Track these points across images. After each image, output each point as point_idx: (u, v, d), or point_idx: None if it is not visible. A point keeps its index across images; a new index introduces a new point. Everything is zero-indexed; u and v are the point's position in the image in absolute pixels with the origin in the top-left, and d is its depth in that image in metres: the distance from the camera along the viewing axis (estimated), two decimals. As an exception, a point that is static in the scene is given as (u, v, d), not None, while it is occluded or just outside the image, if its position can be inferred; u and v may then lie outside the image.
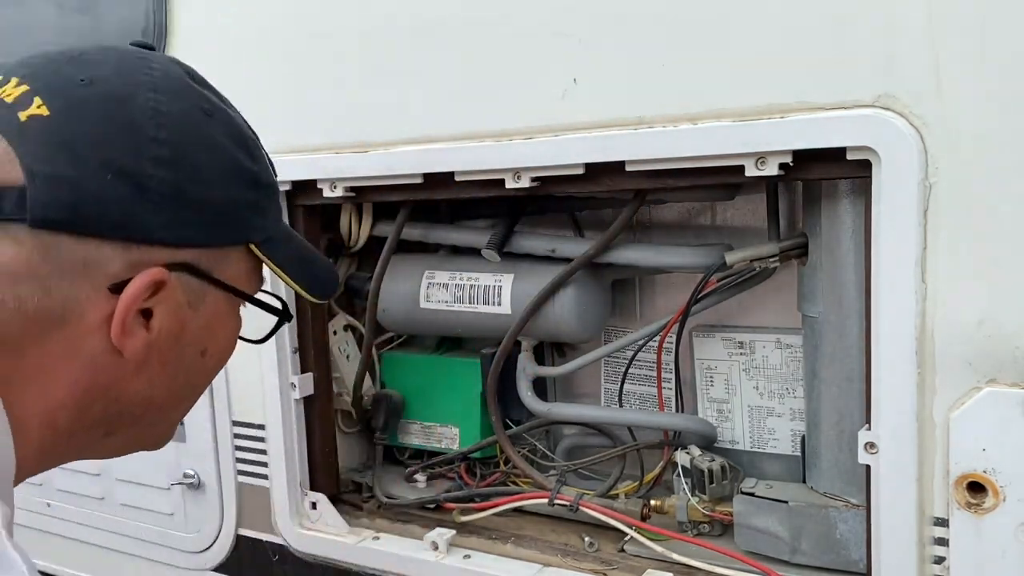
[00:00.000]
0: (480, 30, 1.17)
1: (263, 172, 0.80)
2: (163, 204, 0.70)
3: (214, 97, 0.79)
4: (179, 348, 0.76)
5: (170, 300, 0.72)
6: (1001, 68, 0.88)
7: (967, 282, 0.93)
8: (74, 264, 0.68)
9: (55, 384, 0.71)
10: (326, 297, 0.91)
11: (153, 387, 0.76)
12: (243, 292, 0.80)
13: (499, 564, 1.30)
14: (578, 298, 1.34)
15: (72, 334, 0.70)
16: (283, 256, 0.83)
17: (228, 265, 0.77)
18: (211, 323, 0.78)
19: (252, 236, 0.78)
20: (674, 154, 1.05)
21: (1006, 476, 0.92)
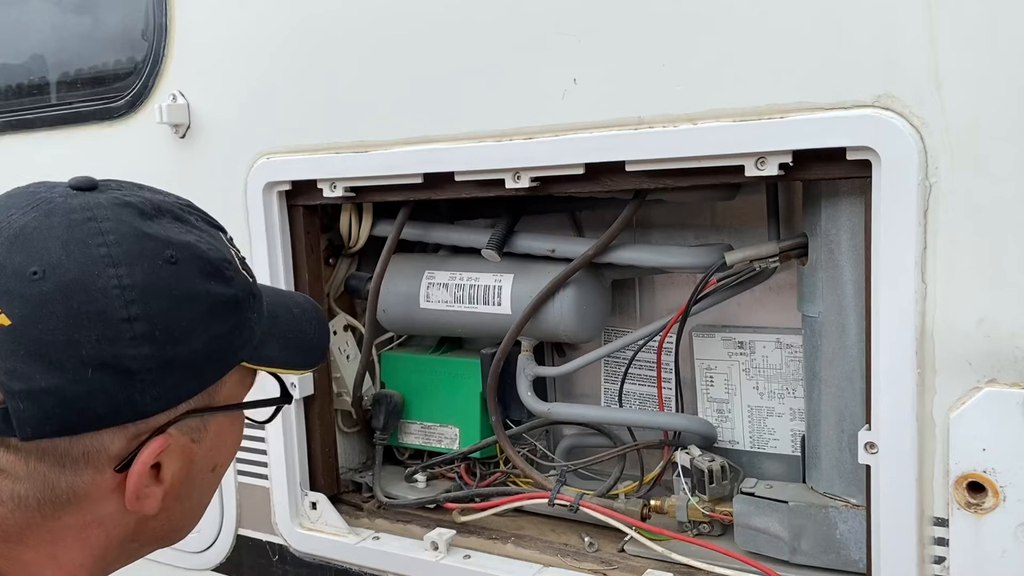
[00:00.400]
0: (480, 30, 1.17)
1: (239, 286, 0.76)
2: (152, 379, 0.69)
3: (174, 232, 0.73)
4: (192, 477, 0.76)
5: (175, 448, 0.72)
6: (1001, 68, 0.88)
7: (967, 282, 0.93)
8: (75, 458, 0.69)
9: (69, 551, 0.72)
10: (321, 362, 0.93)
11: (172, 519, 0.78)
12: (241, 404, 0.79)
13: (499, 564, 1.30)
14: (578, 298, 1.34)
15: (83, 511, 0.71)
16: (273, 353, 0.81)
17: (223, 389, 0.76)
18: (217, 443, 0.77)
19: (242, 356, 0.76)
20: (674, 154, 1.05)
21: (1006, 476, 0.92)
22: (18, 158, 1.72)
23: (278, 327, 0.82)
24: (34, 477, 0.68)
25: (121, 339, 0.67)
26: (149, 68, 1.49)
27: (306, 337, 0.87)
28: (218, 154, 1.44)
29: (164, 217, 0.73)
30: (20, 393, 0.66)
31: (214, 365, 0.74)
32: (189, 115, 1.45)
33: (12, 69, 1.74)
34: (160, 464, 0.72)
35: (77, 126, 1.61)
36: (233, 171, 1.41)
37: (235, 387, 0.78)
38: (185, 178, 1.48)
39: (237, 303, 0.75)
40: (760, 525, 1.17)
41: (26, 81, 1.72)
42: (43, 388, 0.66)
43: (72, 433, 0.68)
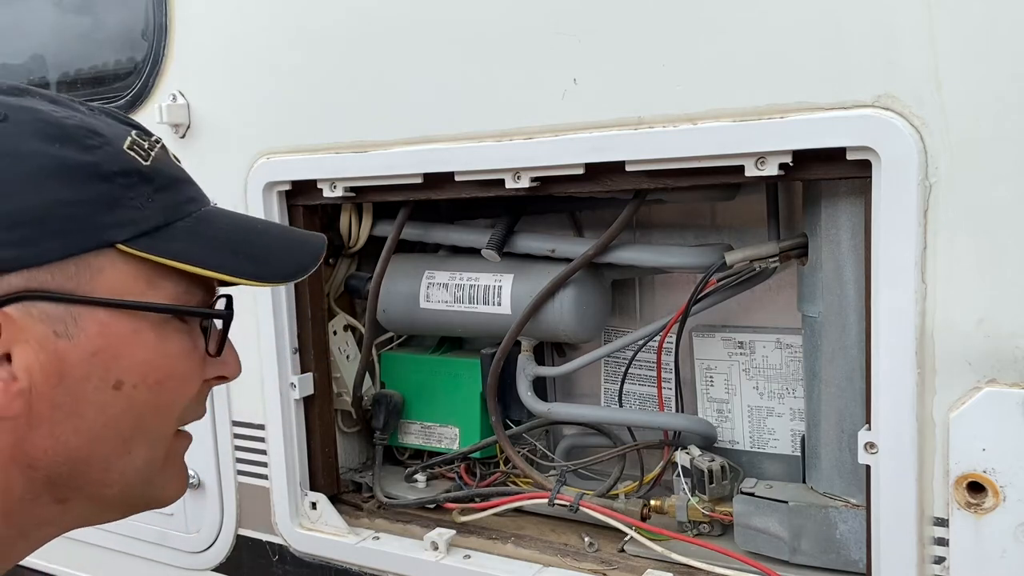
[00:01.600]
0: (480, 30, 1.17)
1: (108, 156, 0.67)
2: None
3: (27, 102, 0.67)
4: (70, 386, 0.66)
5: (24, 336, 0.63)
6: (1001, 68, 0.88)
7: (967, 282, 0.93)
8: None
9: None
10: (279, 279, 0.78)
11: (61, 439, 0.67)
12: (132, 302, 0.67)
13: (499, 564, 1.30)
14: (578, 298, 1.34)
15: None
16: (184, 245, 0.70)
17: (97, 275, 0.66)
18: (107, 348, 0.67)
19: (112, 235, 0.66)
20: (674, 154, 1.05)
21: (1006, 476, 0.92)
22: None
23: (210, 228, 0.74)
24: None
25: None
26: (149, 68, 1.49)
27: (261, 245, 0.77)
28: (218, 154, 1.44)
29: (30, 95, 0.68)
30: None
31: (57, 234, 0.64)
32: (189, 115, 1.45)
33: (12, 69, 1.74)
34: (10, 357, 0.63)
35: (77, 126, 1.61)
36: (233, 171, 1.41)
37: (127, 282, 0.67)
38: (185, 178, 1.48)
39: (99, 175, 0.66)
40: (760, 525, 1.17)
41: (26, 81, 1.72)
42: None
43: None
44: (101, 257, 0.66)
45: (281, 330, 1.42)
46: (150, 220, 0.69)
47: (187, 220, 0.72)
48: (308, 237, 0.82)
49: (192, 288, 0.72)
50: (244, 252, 0.75)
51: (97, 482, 0.70)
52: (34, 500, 0.69)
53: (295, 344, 1.44)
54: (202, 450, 1.56)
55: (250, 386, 1.47)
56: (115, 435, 0.69)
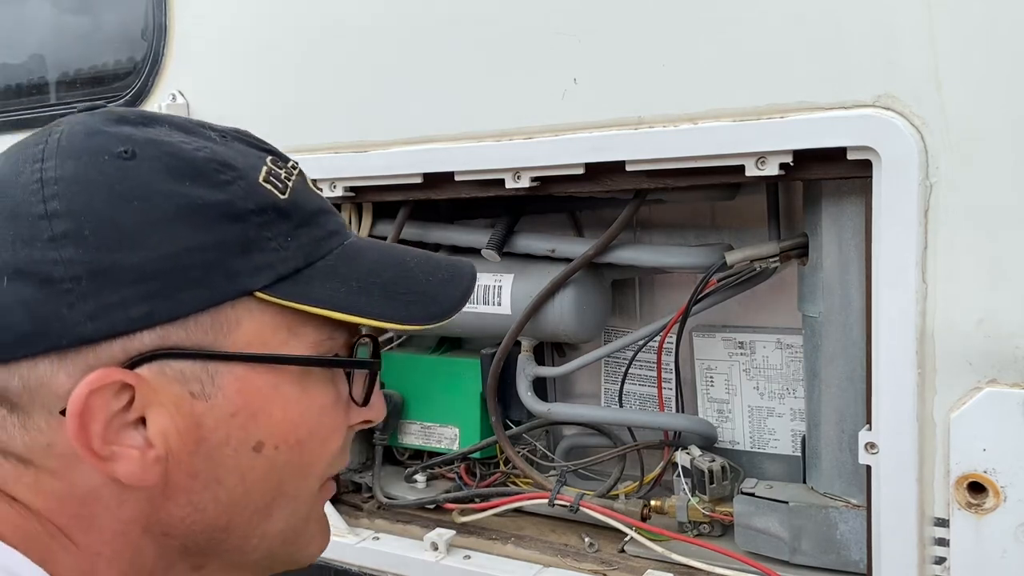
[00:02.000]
0: (480, 30, 1.17)
1: (242, 197, 0.60)
2: (82, 290, 0.55)
3: (152, 133, 0.61)
4: (208, 452, 0.60)
5: (158, 399, 0.58)
6: (1001, 68, 0.88)
7: (967, 282, 0.93)
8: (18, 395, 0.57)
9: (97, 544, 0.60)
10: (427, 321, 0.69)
11: (199, 508, 0.62)
12: (272, 355, 0.61)
13: (499, 564, 1.30)
14: (578, 298, 1.34)
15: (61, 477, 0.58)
16: (327, 288, 0.63)
17: (235, 330, 0.60)
18: (246, 408, 0.61)
19: (249, 283, 0.60)
20: (674, 154, 1.05)
21: (1006, 476, 0.92)
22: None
23: (352, 266, 0.66)
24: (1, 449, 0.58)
25: (38, 239, 0.55)
26: (149, 68, 1.48)
27: (406, 284, 0.69)
28: (218, 154, 1.43)
29: (157, 125, 0.62)
30: None
31: (187, 288, 0.57)
32: (189, 115, 1.45)
33: (12, 69, 1.74)
34: (145, 420, 0.58)
35: (77, 126, 1.61)
36: (233, 171, 1.41)
37: (265, 333, 0.61)
38: (185, 178, 1.48)
39: (233, 215, 0.59)
40: (760, 525, 1.17)
41: (26, 81, 1.72)
42: None
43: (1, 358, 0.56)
44: (238, 307, 0.60)
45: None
46: (289, 262, 0.62)
47: (328, 258, 0.65)
48: (456, 268, 0.74)
49: (335, 333, 0.65)
50: (390, 292, 0.68)
51: (236, 549, 0.65)
52: (167, 569, 0.64)
53: (295, 344, 1.44)
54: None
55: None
56: (256, 501, 0.64)
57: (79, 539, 0.59)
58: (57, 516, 0.59)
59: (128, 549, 0.61)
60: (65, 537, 0.59)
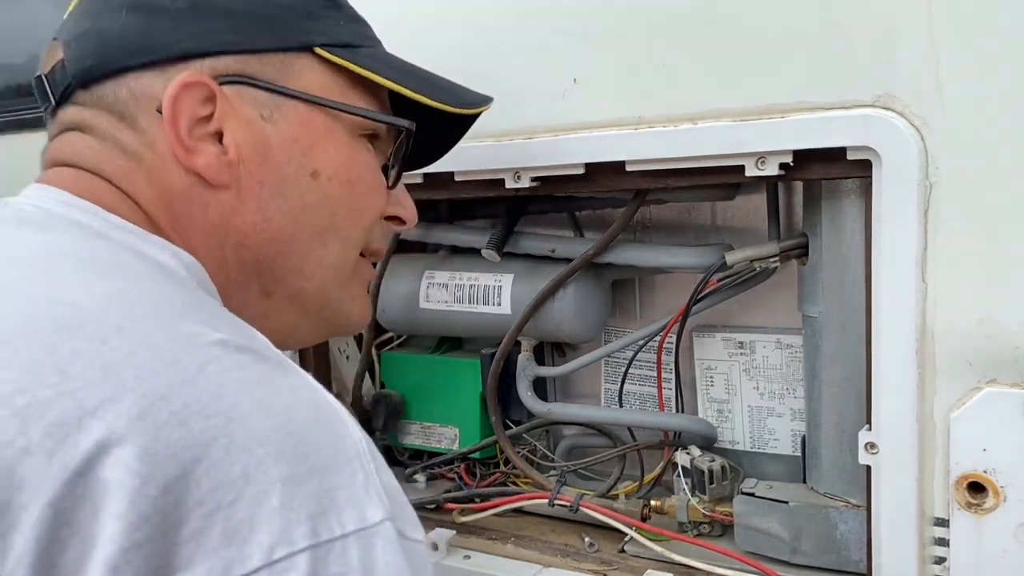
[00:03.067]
0: (479, 30, 1.17)
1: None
2: (182, 18, 0.70)
3: None
4: (274, 166, 0.73)
5: (235, 114, 0.71)
6: (1001, 68, 0.88)
7: (967, 282, 0.93)
8: (125, 103, 0.70)
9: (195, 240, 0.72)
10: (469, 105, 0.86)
11: (267, 216, 0.73)
12: (328, 101, 0.75)
13: (499, 564, 1.29)
14: (578, 298, 1.34)
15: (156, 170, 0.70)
16: (375, 63, 0.78)
17: (298, 74, 0.75)
18: (305, 138, 0.74)
19: (313, 39, 0.75)
20: (674, 154, 1.05)
21: (1006, 476, 0.92)
22: (18, 158, 1.71)
23: (393, 59, 0.83)
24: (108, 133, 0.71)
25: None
26: (149, 68, 1.48)
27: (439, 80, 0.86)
28: (218, 154, 1.43)
29: None
30: (71, 42, 0.72)
31: (266, 27, 0.73)
32: (189, 115, 1.45)
33: (12, 69, 1.74)
34: (222, 132, 0.71)
35: (77, 126, 1.61)
36: (233, 171, 1.41)
37: (323, 85, 0.76)
38: (185, 178, 1.48)
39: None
40: (760, 525, 1.17)
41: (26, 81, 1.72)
42: (84, 30, 0.71)
43: (112, 71, 0.70)
44: (303, 59, 0.75)
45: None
46: (343, 36, 0.78)
47: (373, 48, 0.82)
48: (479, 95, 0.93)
49: (380, 109, 0.81)
50: (425, 80, 0.83)
51: (296, 271, 0.77)
52: (246, 285, 0.76)
53: (295, 344, 1.44)
54: (202, 450, 1.55)
55: (250, 386, 1.47)
56: (313, 222, 0.76)
57: (183, 240, 0.70)
58: (158, 209, 0.71)
59: (214, 253, 0.73)
60: (174, 237, 0.70)
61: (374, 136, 0.83)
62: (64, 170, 0.71)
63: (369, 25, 0.85)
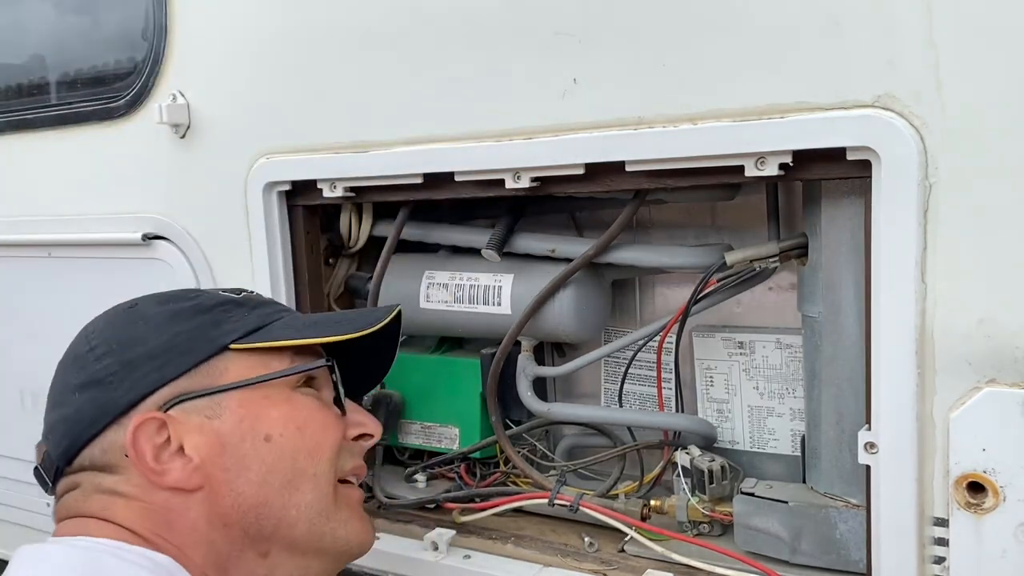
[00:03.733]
0: (480, 30, 1.17)
1: (207, 299, 0.95)
2: (118, 380, 0.87)
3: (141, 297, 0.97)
4: (232, 449, 0.88)
5: (186, 427, 0.87)
6: (1001, 68, 0.88)
7: (967, 282, 0.93)
8: (105, 461, 0.87)
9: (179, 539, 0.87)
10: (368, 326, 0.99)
11: (240, 492, 0.88)
12: (253, 379, 0.90)
13: (499, 564, 1.30)
14: (578, 298, 1.34)
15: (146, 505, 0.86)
16: (280, 331, 0.94)
17: (225, 371, 0.90)
18: (249, 415, 0.89)
19: (223, 340, 0.91)
20: (674, 154, 1.05)
21: (1006, 476, 0.92)
22: (18, 158, 1.72)
23: (298, 319, 0.99)
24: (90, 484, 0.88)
25: (87, 362, 0.89)
26: (149, 68, 1.49)
27: (336, 316, 1.05)
28: (218, 154, 1.44)
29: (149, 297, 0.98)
30: (47, 434, 0.91)
31: (184, 352, 0.89)
32: (189, 115, 1.45)
33: (12, 69, 1.74)
34: (183, 445, 0.87)
35: (77, 126, 1.61)
36: (233, 171, 1.41)
37: (246, 370, 0.91)
38: (185, 178, 1.48)
39: (201, 308, 0.93)
40: (760, 525, 1.17)
41: (26, 81, 1.72)
42: (54, 421, 0.90)
43: (85, 441, 0.88)
44: (223, 358, 0.91)
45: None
46: (249, 325, 0.93)
47: (280, 320, 0.97)
48: (385, 308, 1.05)
49: (296, 360, 0.95)
50: (325, 324, 0.99)
51: (281, 524, 0.90)
52: (241, 556, 0.89)
53: (295, 344, 1.44)
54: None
55: (250, 386, 1.47)
56: (280, 477, 0.90)
57: (164, 542, 0.86)
58: (147, 528, 0.86)
59: (203, 542, 0.87)
60: (156, 541, 0.85)
61: (312, 379, 0.97)
62: (63, 524, 0.89)
63: (275, 303, 1.02)
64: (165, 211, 1.52)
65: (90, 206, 1.62)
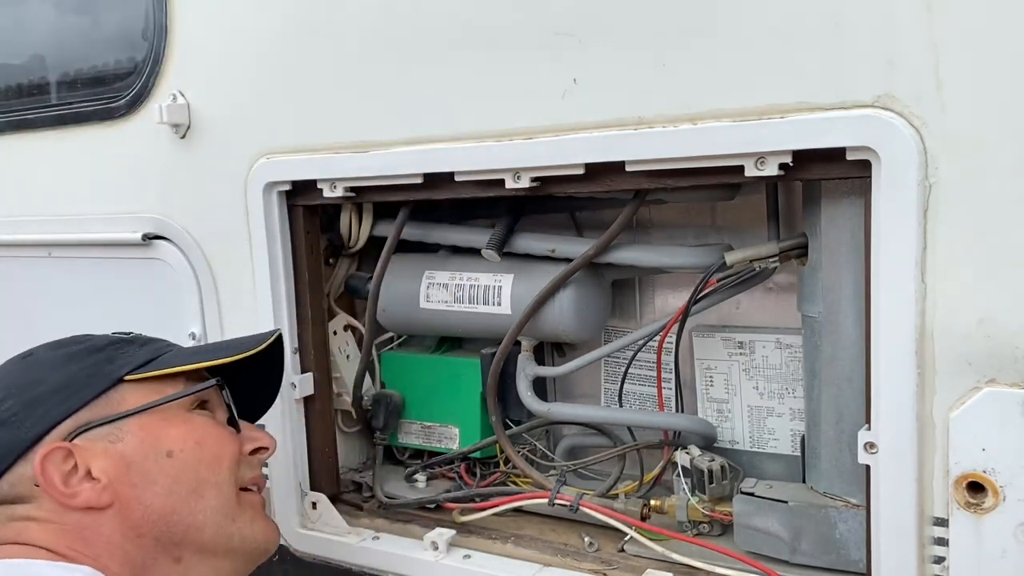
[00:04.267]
0: (480, 30, 1.17)
1: (99, 340, 1.06)
2: (22, 418, 0.97)
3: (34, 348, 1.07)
4: (137, 467, 0.98)
5: (91, 453, 0.97)
6: (1001, 68, 0.88)
7: (967, 282, 0.93)
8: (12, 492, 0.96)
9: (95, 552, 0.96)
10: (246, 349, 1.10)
11: (148, 504, 0.98)
12: (149, 404, 1.02)
13: (499, 564, 1.30)
14: (578, 298, 1.34)
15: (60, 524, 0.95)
16: (170, 360, 1.06)
17: (122, 400, 1.01)
18: (149, 435, 1.00)
19: (118, 373, 1.02)
20: (674, 154, 1.05)
21: (1005, 476, 0.92)
22: (18, 158, 1.72)
23: (186, 349, 1.13)
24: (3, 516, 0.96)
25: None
26: (149, 68, 1.49)
27: (221, 344, 1.16)
28: (218, 154, 1.44)
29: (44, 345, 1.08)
30: None
31: (83, 387, 1.00)
32: (189, 115, 1.45)
33: (12, 69, 1.74)
34: (90, 469, 0.97)
35: (77, 126, 1.61)
36: (233, 171, 1.41)
37: (141, 398, 1.02)
38: (185, 178, 1.48)
39: (96, 348, 1.05)
40: (760, 525, 1.17)
41: (26, 81, 1.72)
42: None
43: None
44: (119, 389, 1.02)
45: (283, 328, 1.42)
46: (141, 358, 1.05)
47: (169, 352, 1.09)
48: (267, 333, 1.16)
49: (187, 385, 1.07)
50: (211, 351, 1.12)
51: (190, 527, 1.00)
52: (155, 563, 0.99)
53: (295, 344, 1.44)
54: (202, 450, 1.56)
55: (250, 386, 1.47)
56: (185, 487, 1.00)
57: (81, 555, 0.94)
58: (63, 545, 0.94)
59: (118, 553, 0.96)
60: (73, 556, 0.93)
61: (206, 401, 1.09)
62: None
63: (163, 340, 1.13)
64: (165, 211, 1.53)
65: (90, 206, 1.62)
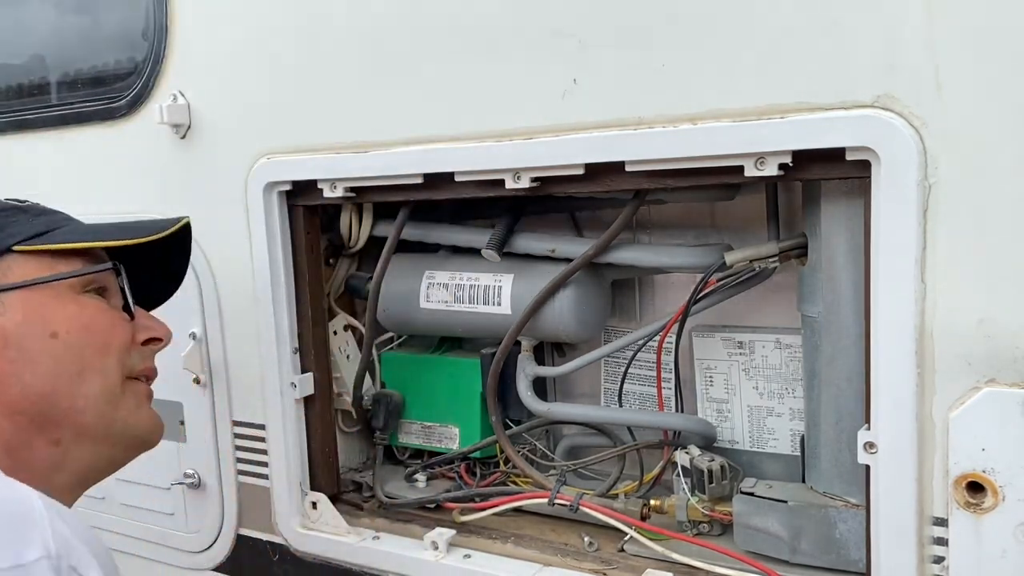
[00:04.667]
0: (480, 30, 1.17)
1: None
2: None
3: None
4: (16, 344, 0.91)
5: None
6: (1001, 68, 0.88)
7: (967, 282, 0.93)
8: None
9: None
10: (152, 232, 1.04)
11: (26, 382, 0.91)
12: (36, 279, 0.95)
13: (499, 564, 1.30)
14: (578, 298, 1.34)
15: None
16: (65, 235, 0.98)
17: (6, 272, 0.94)
18: (33, 313, 0.93)
19: (6, 243, 0.95)
20: (674, 154, 1.05)
21: (1005, 476, 0.92)
22: (18, 158, 1.72)
23: (83, 225, 1.03)
24: None
25: None
26: (149, 68, 1.49)
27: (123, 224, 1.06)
28: (218, 154, 1.44)
29: None
30: None
31: None
32: (189, 115, 1.45)
33: (12, 69, 1.74)
34: None
35: (78, 126, 1.61)
36: (233, 171, 1.41)
37: (31, 270, 0.95)
38: (185, 178, 1.48)
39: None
40: (760, 525, 1.17)
41: (26, 81, 1.72)
42: None
43: None
44: (6, 259, 0.94)
45: (281, 330, 1.42)
46: (34, 229, 0.97)
47: (66, 226, 1.01)
48: (172, 220, 1.09)
49: (82, 263, 0.99)
50: (112, 231, 1.02)
51: (70, 409, 0.93)
52: (31, 443, 0.92)
53: (295, 344, 1.44)
54: (202, 450, 1.56)
55: (250, 386, 1.47)
56: (66, 370, 0.93)
57: None
58: None
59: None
60: None
61: (103, 288, 1.01)
62: None
63: (59, 212, 1.05)
64: (165, 211, 1.52)
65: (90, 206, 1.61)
